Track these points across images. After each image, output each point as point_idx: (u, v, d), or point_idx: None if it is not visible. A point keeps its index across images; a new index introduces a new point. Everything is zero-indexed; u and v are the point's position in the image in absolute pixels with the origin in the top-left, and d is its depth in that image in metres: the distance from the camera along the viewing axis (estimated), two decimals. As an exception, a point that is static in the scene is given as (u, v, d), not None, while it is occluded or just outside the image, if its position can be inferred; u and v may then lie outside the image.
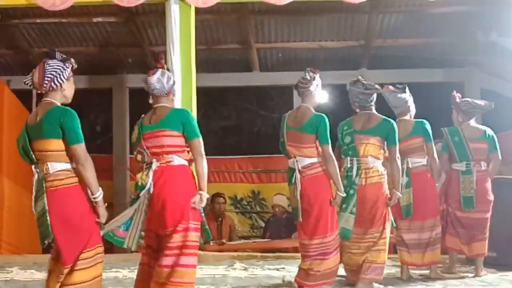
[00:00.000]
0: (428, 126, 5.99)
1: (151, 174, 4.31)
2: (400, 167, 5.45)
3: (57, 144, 3.97)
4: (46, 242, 4.01)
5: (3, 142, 8.07)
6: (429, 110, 6.61)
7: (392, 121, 5.50)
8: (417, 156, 5.93)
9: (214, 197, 8.89)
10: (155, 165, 4.33)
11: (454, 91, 6.49)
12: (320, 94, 5.40)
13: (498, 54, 9.49)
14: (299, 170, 5.12)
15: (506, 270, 6.32)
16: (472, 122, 6.34)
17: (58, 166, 3.97)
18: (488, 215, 6.23)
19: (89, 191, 4.00)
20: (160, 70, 4.49)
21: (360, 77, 5.68)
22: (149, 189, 4.29)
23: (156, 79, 4.44)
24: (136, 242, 4.29)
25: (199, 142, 4.37)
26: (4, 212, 8.00)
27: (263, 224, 10.37)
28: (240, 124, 13.61)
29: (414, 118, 6.14)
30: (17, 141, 4.12)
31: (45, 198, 3.94)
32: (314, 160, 5.14)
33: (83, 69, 9.82)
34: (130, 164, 10.60)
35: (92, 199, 3.99)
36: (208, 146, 4.59)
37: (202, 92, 8.35)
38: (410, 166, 5.89)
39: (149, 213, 4.31)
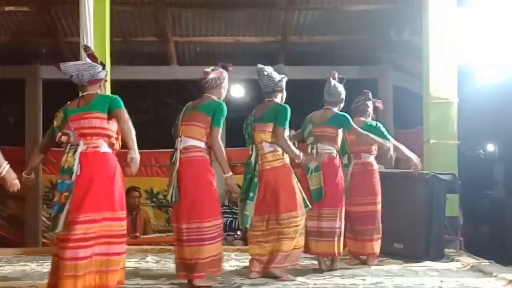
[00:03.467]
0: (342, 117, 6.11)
1: (77, 156, 4.41)
2: (290, 148, 5.55)
3: None
4: None
5: None
6: (345, 106, 6.77)
7: (285, 105, 5.63)
8: (327, 144, 6.05)
9: (129, 191, 8.80)
10: (81, 147, 4.44)
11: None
12: (224, 89, 5.53)
13: (409, 52, 9.76)
14: (180, 150, 5.23)
15: (411, 262, 6.52)
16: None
17: None
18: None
19: None
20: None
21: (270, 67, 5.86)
22: (76, 171, 4.37)
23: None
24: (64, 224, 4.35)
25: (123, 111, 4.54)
26: None
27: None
28: (159, 118, 13.49)
29: None
30: None
31: None
32: (198, 143, 5.24)
33: (-5, 59, 9.59)
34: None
35: None
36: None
37: (120, 86, 8.25)
38: (318, 151, 6.02)
39: (75, 196, 4.36)
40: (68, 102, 4.66)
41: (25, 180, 5.05)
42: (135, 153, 4.46)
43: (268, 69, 5.83)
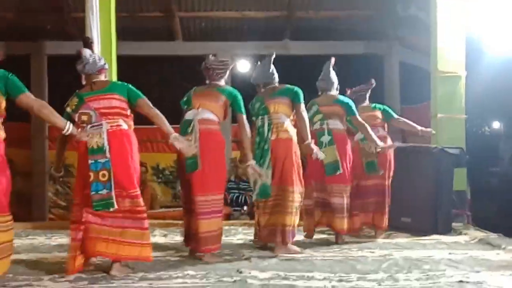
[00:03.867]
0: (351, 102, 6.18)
1: (105, 135, 4.51)
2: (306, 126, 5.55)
3: None
4: None
5: None
6: (350, 82, 6.76)
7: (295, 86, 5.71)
8: (337, 120, 6.07)
9: (135, 166, 8.79)
10: (106, 126, 4.55)
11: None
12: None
13: (416, 28, 9.70)
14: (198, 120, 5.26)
15: (419, 236, 6.52)
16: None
17: None
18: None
19: None
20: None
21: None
22: (108, 149, 4.50)
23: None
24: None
25: (145, 100, 4.70)
26: None
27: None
28: (163, 95, 13.46)
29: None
30: None
31: None
32: (215, 117, 5.31)
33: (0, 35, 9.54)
34: (48, 133, 10.35)
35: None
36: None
37: (124, 61, 8.22)
38: (330, 126, 6.05)
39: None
40: (77, 90, 4.77)
41: (55, 176, 5.21)
42: (175, 133, 4.71)
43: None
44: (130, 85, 4.78)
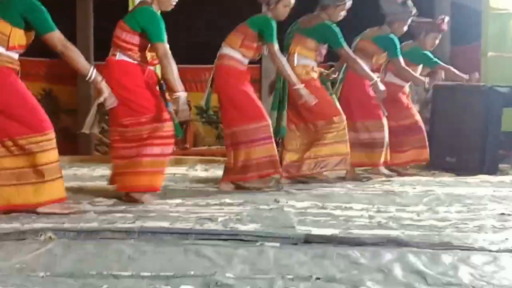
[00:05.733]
0: (395, 41, 6.04)
1: None
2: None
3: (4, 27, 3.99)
4: None
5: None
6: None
7: (329, 25, 5.59)
8: (362, 58, 5.89)
9: (179, 104, 8.79)
10: None
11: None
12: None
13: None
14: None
15: (463, 175, 6.38)
16: None
17: None
18: None
19: None
20: None
21: None
22: None
23: None
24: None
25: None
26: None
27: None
28: (209, 39, 13.37)
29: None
30: None
31: None
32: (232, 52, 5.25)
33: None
34: (94, 70, 10.38)
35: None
36: (175, 56, 4.52)
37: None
38: None
39: None
40: None
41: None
42: (179, 91, 4.47)
43: None
44: (153, 26, 4.48)
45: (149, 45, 4.49)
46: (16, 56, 4.09)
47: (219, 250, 3.09)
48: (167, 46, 4.45)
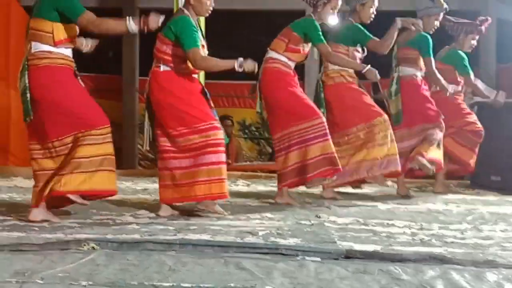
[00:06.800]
0: (428, 40, 5.92)
1: None
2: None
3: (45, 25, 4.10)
4: (27, 119, 4.21)
5: (10, 55, 7.98)
6: (444, 39, 6.54)
7: (356, 25, 5.57)
8: (409, 66, 5.92)
9: (221, 120, 8.82)
10: None
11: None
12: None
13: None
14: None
15: (508, 194, 6.26)
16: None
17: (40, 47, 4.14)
18: None
19: None
20: None
21: None
22: None
23: None
24: None
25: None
26: (11, 125, 7.99)
27: (271, 150, 10.36)
28: (250, 55, 13.43)
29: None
30: None
31: (26, 76, 4.13)
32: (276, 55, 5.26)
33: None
34: (139, 85, 10.53)
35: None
36: (218, 72, 4.68)
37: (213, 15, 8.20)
38: (400, 74, 5.93)
39: None
40: None
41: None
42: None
43: None
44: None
45: None
46: (67, 52, 4.22)
47: (259, 263, 3.09)
48: (198, 50, 4.44)
